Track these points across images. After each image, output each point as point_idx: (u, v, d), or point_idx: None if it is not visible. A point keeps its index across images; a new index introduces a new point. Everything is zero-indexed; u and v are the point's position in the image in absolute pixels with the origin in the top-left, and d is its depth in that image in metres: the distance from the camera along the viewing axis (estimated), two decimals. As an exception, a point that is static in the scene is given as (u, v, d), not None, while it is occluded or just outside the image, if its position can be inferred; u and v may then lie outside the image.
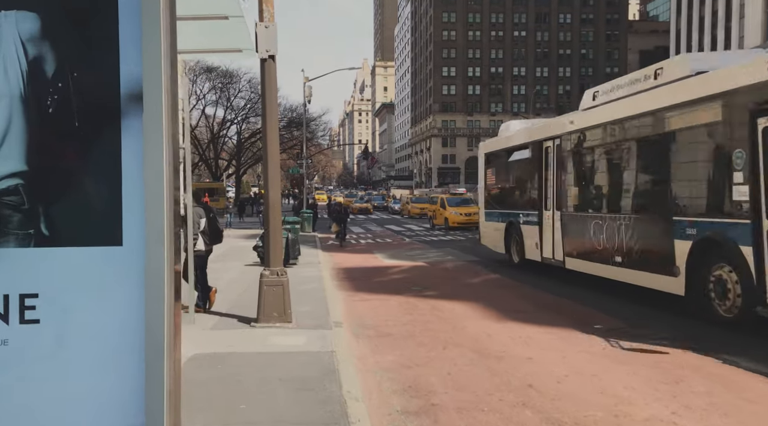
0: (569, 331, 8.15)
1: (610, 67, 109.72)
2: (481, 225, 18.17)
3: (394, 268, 16.13)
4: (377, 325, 8.70)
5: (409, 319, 9.19)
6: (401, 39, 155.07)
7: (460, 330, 8.29)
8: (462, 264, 16.92)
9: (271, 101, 8.18)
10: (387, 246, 22.99)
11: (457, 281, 13.53)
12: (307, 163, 40.69)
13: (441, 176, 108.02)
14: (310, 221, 29.50)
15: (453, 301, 10.75)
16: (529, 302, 10.62)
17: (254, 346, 7.01)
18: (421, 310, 9.97)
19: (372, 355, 7.00)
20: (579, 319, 8.95)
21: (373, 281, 13.74)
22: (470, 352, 7.05)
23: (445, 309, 9.98)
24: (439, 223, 32.61)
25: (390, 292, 11.99)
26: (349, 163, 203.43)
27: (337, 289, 12.33)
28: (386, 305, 10.52)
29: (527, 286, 12.51)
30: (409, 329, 8.40)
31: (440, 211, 32.61)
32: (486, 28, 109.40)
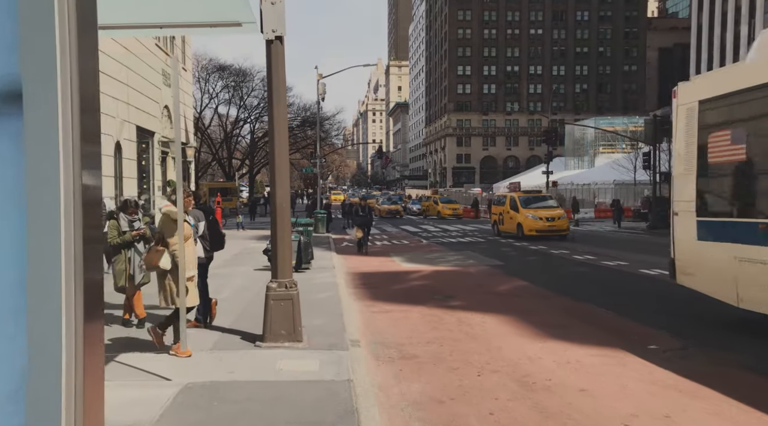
0: (621, 352, 7.06)
1: (629, 65, 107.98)
2: (683, 248, 9.04)
3: (414, 274, 15.09)
4: (400, 344, 7.67)
5: (434, 335, 8.15)
6: (416, 38, 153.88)
7: (495, 351, 7.22)
8: (485, 269, 15.84)
9: (278, 88, 7.18)
10: (403, 248, 21.93)
11: (482, 289, 12.46)
12: (320, 162, 39.72)
13: (456, 176, 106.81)
14: (323, 222, 28.54)
15: (482, 313, 9.68)
16: (567, 315, 9.53)
17: (259, 372, 6.01)
18: (447, 324, 8.92)
19: (396, 384, 5.97)
20: (629, 337, 7.87)
21: (392, 289, 12.70)
22: (511, 382, 5.99)
23: (474, 323, 8.92)
24: (508, 229, 26.12)
25: (411, 301, 10.95)
26: (363, 163, 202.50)
27: (353, 298, 11.32)
28: (408, 318, 9.48)
29: (560, 295, 11.42)
30: (436, 350, 7.35)
31: (510, 215, 25.91)
32: (502, 26, 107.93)
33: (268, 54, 7.08)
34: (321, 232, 27.64)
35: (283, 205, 7.24)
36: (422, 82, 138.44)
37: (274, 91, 7.14)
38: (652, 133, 35.19)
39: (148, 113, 25.27)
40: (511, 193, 28.66)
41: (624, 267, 15.63)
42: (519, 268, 15.76)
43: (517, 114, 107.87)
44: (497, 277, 14.24)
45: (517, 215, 25.21)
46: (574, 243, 23.19)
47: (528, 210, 24.98)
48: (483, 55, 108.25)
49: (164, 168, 28.57)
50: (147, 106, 25.18)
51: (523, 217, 24.76)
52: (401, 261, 17.79)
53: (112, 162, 21.22)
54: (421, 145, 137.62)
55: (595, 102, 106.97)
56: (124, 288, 7.88)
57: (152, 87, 25.95)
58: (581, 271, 15.37)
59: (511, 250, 21.06)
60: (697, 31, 76.20)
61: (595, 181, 54.89)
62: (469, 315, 9.55)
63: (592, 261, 17.09)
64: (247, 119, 60.29)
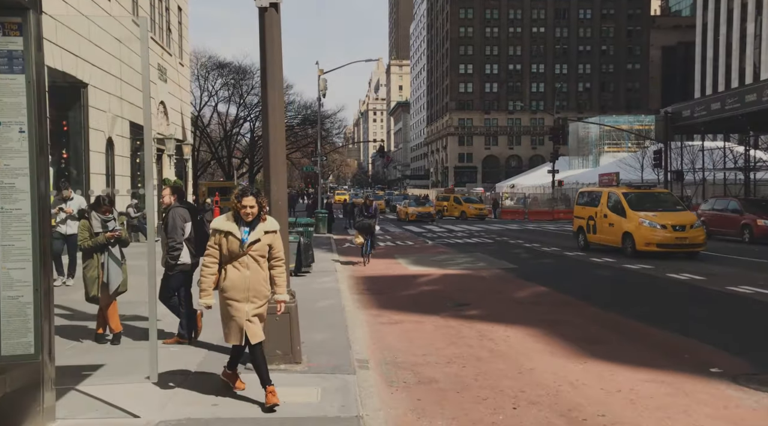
0: (678, 377, 6.00)
1: (632, 63, 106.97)
2: None
3: (423, 277, 14.03)
4: (415, 364, 6.60)
5: (454, 352, 7.08)
6: (417, 36, 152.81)
7: (527, 374, 6.16)
8: (498, 272, 14.77)
9: (273, 67, 6.11)
10: (408, 250, 20.86)
11: (499, 295, 11.39)
12: (321, 160, 38.68)
13: (457, 175, 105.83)
14: (324, 222, 27.52)
15: (504, 324, 8.62)
16: (600, 326, 8.47)
17: (248, 406, 4.94)
18: (467, 338, 7.85)
19: (416, 421, 4.91)
20: (679, 356, 6.82)
21: (401, 295, 11.64)
22: (556, 418, 4.92)
23: (498, 337, 7.85)
24: (605, 240, 18.63)
25: (423, 310, 9.89)
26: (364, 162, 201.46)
27: (357, 306, 10.26)
28: (421, 330, 8.42)
29: (586, 303, 10.36)
30: (458, 372, 6.28)
31: (609, 220, 18.26)
32: (504, 25, 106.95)
33: (261, 25, 6.02)
34: (322, 233, 26.61)
35: (280, 203, 6.19)
36: (423, 80, 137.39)
37: (268, 71, 6.07)
38: (663, 130, 34.16)
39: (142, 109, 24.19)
40: (611, 189, 20.10)
41: (649, 271, 14.56)
42: (533, 272, 14.69)
43: (519, 113, 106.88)
44: (512, 282, 13.17)
45: (622, 221, 17.72)
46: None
47: (641, 213, 17.41)
48: (485, 54, 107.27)
49: (160, 166, 27.55)
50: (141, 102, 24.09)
51: (634, 224, 17.29)
52: (407, 263, 16.73)
53: (104, 159, 20.20)
54: (422, 144, 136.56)
55: (597, 101, 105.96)
56: (97, 298, 6.82)
57: (147, 82, 24.88)
58: (602, 274, 14.30)
59: (523, 251, 19.99)
60: (702, 28, 75.12)
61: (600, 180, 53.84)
62: (490, 327, 8.48)
63: (612, 264, 16.02)
64: (246, 118, 59.26)
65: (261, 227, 4.87)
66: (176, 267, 6.78)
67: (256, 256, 4.84)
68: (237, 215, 4.84)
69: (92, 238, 6.78)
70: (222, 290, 4.87)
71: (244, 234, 4.80)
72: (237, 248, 4.79)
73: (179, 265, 6.78)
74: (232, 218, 4.85)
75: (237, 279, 4.80)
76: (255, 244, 4.82)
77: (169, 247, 6.75)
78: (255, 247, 4.82)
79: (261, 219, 4.89)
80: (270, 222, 4.97)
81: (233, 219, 4.84)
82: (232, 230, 4.80)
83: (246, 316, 4.81)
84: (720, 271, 14.32)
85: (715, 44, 72.13)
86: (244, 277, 4.79)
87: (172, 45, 29.45)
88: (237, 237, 4.78)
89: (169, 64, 28.30)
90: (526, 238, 25.72)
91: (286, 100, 60.06)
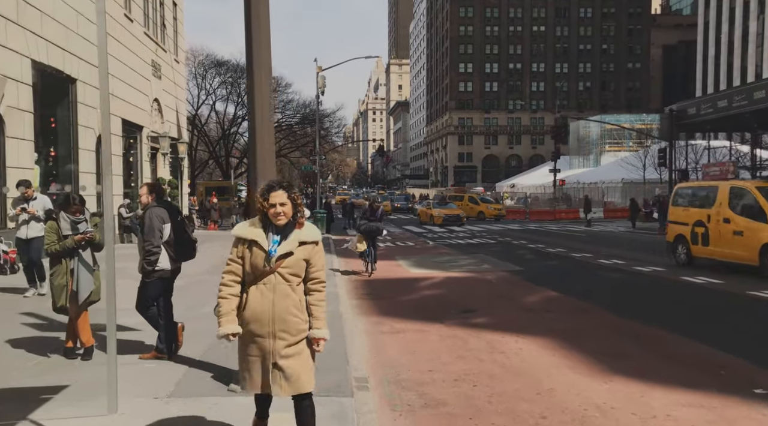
0: (717, 398, 5.31)
1: (633, 62, 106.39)
2: None
3: (425, 281, 13.34)
4: (420, 382, 5.91)
5: (462, 368, 6.40)
6: (416, 35, 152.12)
7: (547, 395, 5.47)
8: (504, 275, 14.09)
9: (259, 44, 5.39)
10: (409, 251, 20.16)
11: (507, 300, 10.71)
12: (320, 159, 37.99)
13: (457, 175, 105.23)
14: (323, 222, 26.85)
15: (514, 334, 7.93)
16: (624, 337, 7.77)
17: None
18: (475, 350, 7.16)
19: (423, 456, 4.22)
20: (713, 371, 6.13)
21: (402, 300, 10.95)
22: (587, 451, 4.24)
23: (509, 350, 7.16)
24: (732, 256, 13.81)
25: (425, 317, 9.20)
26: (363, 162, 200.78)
27: (356, 313, 9.57)
28: (425, 340, 7.73)
29: (601, 309, 9.67)
30: (468, 392, 5.59)
31: (735, 227, 13.54)
32: (504, 23, 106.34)
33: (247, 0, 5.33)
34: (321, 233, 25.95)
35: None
36: (423, 80, 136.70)
37: (254, 52, 5.37)
38: (668, 129, 33.47)
39: (135, 106, 23.50)
40: (734, 183, 15.19)
41: (660, 273, 13.89)
42: (541, 275, 14.01)
43: (520, 112, 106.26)
44: (520, 286, 12.48)
45: (760, 228, 12.87)
46: (596, 245, 21.46)
47: None
48: (485, 53, 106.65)
49: (154, 165, 26.85)
50: (134, 98, 23.40)
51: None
52: (408, 266, 16.04)
53: (93, 157, 19.50)
54: (422, 144, 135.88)
55: (598, 100, 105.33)
56: (66, 308, 6.13)
57: (140, 78, 24.17)
58: (614, 277, 13.62)
59: (527, 253, 19.31)
60: (704, 27, 74.48)
61: (602, 179, 53.25)
62: (500, 337, 7.79)
63: (622, 266, 15.36)
64: (245, 116, 58.51)
65: (296, 236, 3.55)
66: (154, 273, 6.08)
67: (287, 275, 3.51)
68: (265, 219, 3.57)
69: (60, 241, 6.09)
70: (243, 321, 3.55)
71: (272, 244, 3.51)
72: (262, 263, 3.48)
73: (157, 271, 6.08)
74: (259, 223, 3.58)
75: (258, 306, 3.48)
76: (286, 258, 3.50)
77: (145, 251, 6.05)
78: (286, 263, 3.50)
79: (297, 224, 3.60)
80: (308, 230, 3.63)
81: (260, 225, 3.58)
82: (257, 238, 3.52)
83: (272, 356, 3.49)
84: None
85: (716, 43, 71.53)
86: (268, 302, 3.47)
87: (167, 41, 28.74)
88: (263, 248, 3.50)
89: (163, 60, 27.59)
90: (529, 238, 25.04)
91: (285, 98, 59.46)
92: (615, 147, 69.73)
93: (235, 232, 3.62)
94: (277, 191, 3.54)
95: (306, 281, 3.61)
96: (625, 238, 25.74)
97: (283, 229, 3.55)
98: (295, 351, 3.52)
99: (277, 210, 3.51)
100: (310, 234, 3.62)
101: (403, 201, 57.24)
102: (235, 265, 3.58)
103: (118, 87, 21.39)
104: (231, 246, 3.66)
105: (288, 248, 3.51)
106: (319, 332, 3.58)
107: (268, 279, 3.50)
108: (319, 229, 3.68)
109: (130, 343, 6.75)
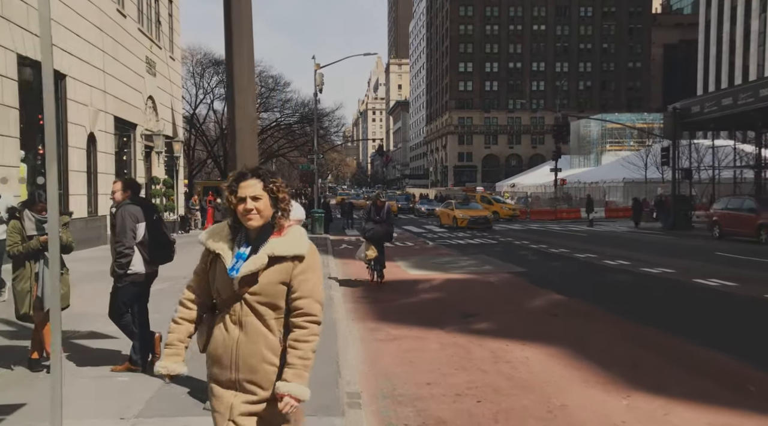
0: (750, 418, 4.78)
1: (633, 61, 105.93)
2: None
3: (424, 283, 12.80)
4: (418, 397, 5.37)
5: (465, 380, 5.86)
6: (416, 35, 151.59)
7: (560, 413, 4.93)
8: (506, 277, 13.55)
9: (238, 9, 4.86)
10: (407, 251, 19.60)
11: (510, 304, 10.17)
12: (318, 158, 37.46)
13: (457, 175, 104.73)
14: (321, 222, 26.33)
15: (520, 342, 7.39)
16: (638, 346, 7.22)
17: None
18: (479, 360, 6.62)
19: (421, 490, 3.68)
20: (738, 385, 5.59)
21: (399, 303, 10.42)
22: (610, 484, 3.71)
23: (515, 359, 6.63)
24: None
25: (425, 322, 8.65)
26: (363, 162, 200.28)
27: (352, 318, 9.03)
28: (424, 349, 7.19)
29: (610, 314, 9.13)
30: (471, 408, 5.05)
31: None
32: (504, 22, 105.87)
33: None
34: (319, 233, 25.44)
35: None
36: (423, 79, 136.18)
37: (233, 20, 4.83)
38: (671, 127, 32.90)
39: (128, 103, 22.94)
40: None
41: (670, 275, 13.35)
42: (545, 276, 13.47)
43: (520, 112, 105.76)
44: (523, 288, 11.95)
45: None
46: (600, 246, 20.93)
47: None
48: (485, 52, 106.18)
49: (149, 163, 26.30)
50: (128, 96, 22.84)
51: None
52: (407, 267, 15.50)
53: (84, 155, 18.95)
54: (421, 143, 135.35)
55: (598, 99, 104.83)
56: (29, 316, 5.59)
57: (134, 75, 23.61)
58: (621, 279, 13.08)
59: (530, 253, 18.77)
60: (705, 26, 74.02)
61: (603, 179, 52.74)
62: (504, 345, 7.25)
63: (628, 267, 14.82)
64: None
65: (270, 246, 2.49)
66: (126, 277, 5.54)
67: (257, 305, 2.47)
68: (236, 221, 2.55)
69: (24, 242, 5.55)
70: (207, 358, 2.60)
71: (236, 259, 2.49)
72: (226, 285, 2.50)
73: (130, 274, 5.54)
74: (227, 228, 2.58)
75: (220, 344, 2.51)
76: (251, 279, 2.46)
77: (117, 252, 5.51)
78: (256, 288, 2.47)
79: (277, 229, 2.53)
80: (289, 239, 2.53)
81: (229, 229, 2.58)
82: (219, 250, 2.53)
83: (230, 412, 2.48)
84: (751, 275, 13.11)
85: (718, 41, 71.12)
86: (232, 340, 2.49)
87: (162, 38, 28.19)
88: (225, 263, 2.52)
89: (158, 57, 27.05)
90: (531, 238, 24.50)
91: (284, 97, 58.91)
92: (616, 146, 69.30)
93: (201, 239, 2.61)
94: (249, 180, 2.49)
95: (291, 314, 2.49)
96: (628, 239, 25.21)
97: (256, 236, 2.50)
98: (264, 414, 2.47)
99: (247, 206, 2.45)
100: (291, 244, 2.48)
101: (404, 201, 56.50)
102: (196, 279, 2.62)
103: (111, 83, 20.87)
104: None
105: (253, 266, 2.43)
106: (286, 387, 2.39)
107: (235, 309, 2.48)
108: (307, 235, 2.64)
109: (104, 353, 6.22)
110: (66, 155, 17.72)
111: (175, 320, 2.62)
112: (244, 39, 4.97)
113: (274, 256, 2.45)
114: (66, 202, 17.49)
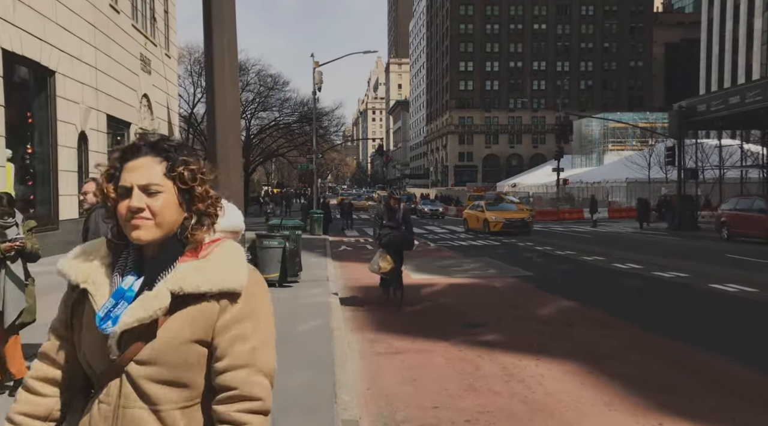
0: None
1: (635, 60, 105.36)
2: None
3: (427, 288, 12.22)
4: (422, 424, 4.78)
5: (475, 404, 5.26)
6: (416, 34, 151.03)
7: (586, 445, 4.35)
8: (513, 281, 12.96)
9: None
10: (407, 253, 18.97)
11: (519, 312, 9.58)
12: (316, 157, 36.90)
13: (457, 174, 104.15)
14: (320, 222, 25.71)
15: (533, 356, 6.80)
16: (663, 362, 6.62)
17: None
18: (489, 378, 6.03)
19: None
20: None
21: (402, 311, 9.82)
22: None
23: (529, 378, 6.03)
24: None
25: (429, 333, 8.06)
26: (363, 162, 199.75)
27: (351, 328, 8.44)
28: (429, 364, 6.60)
29: (628, 324, 8.53)
30: (485, 439, 4.47)
31: None
32: (504, 21, 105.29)
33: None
34: (318, 234, 24.84)
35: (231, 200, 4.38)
36: (423, 79, 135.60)
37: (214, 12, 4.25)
38: (676, 126, 32.32)
39: (122, 101, 22.36)
40: None
41: (684, 279, 12.75)
42: (553, 281, 12.87)
43: (520, 111, 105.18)
44: (531, 294, 11.36)
45: None
46: (606, 247, 20.33)
47: None
48: (485, 51, 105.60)
49: (144, 163, 25.72)
50: (121, 94, 22.26)
51: None
52: (409, 270, 14.86)
53: (74, 154, 18.37)
54: (422, 143, 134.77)
55: (600, 99, 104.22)
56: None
57: (128, 72, 23.03)
58: (634, 284, 12.48)
59: (535, 255, 18.18)
60: (708, 24, 73.45)
61: (606, 179, 52.15)
62: (516, 360, 6.66)
63: (639, 271, 14.22)
64: (242, 115, 57.48)
65: (177, 277, 1.37)
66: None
67: (147, 384, 1.35)
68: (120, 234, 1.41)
69: (-17, 250, 4.96)
70: None
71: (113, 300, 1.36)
72: (95, 346, 1.39)
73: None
74: (104, 247, 1.47)
75: None
76: (141, 336, 1.35)
77: (86, 263, 4.92)
78: (147, 354, 1.35)
79: (191, 247, 1.43)
80: (216, 263, 1.40)
81: (107, 248, 1.46)
82: (88, 282, 1.41)
83: None
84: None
85: (720, 40, 70.55)
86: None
87: (157, 35, 27.61)
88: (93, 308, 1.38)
89: (153, 54, 26.47)
90: (535, 240, 23.92)
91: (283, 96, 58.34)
92: (618, 146, 68.78)
93: (60, 266, 1.47)
94: (138, 158, 1.41)
95: (217, 390, 1.39)
96: (635, 240, 24.62)
97: (151, 259, 1.42)
98: None
99: (133, 204, 1.35)
100: (215, 273, 1.39)
101: (406, 201, 56.03)
102: (56, 343, 1.48)
103: (103, 81, 20.28)
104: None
105: (143, 312, 1.34)
106: None
107: (110, 388, 1.38)
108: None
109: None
110: (55, 154, 17.13)
111: (11, 419, 1.44)
112: (225, 32, 4.39)
113: (183, 294, 1.36)
114: (56, 203, 16.92)
